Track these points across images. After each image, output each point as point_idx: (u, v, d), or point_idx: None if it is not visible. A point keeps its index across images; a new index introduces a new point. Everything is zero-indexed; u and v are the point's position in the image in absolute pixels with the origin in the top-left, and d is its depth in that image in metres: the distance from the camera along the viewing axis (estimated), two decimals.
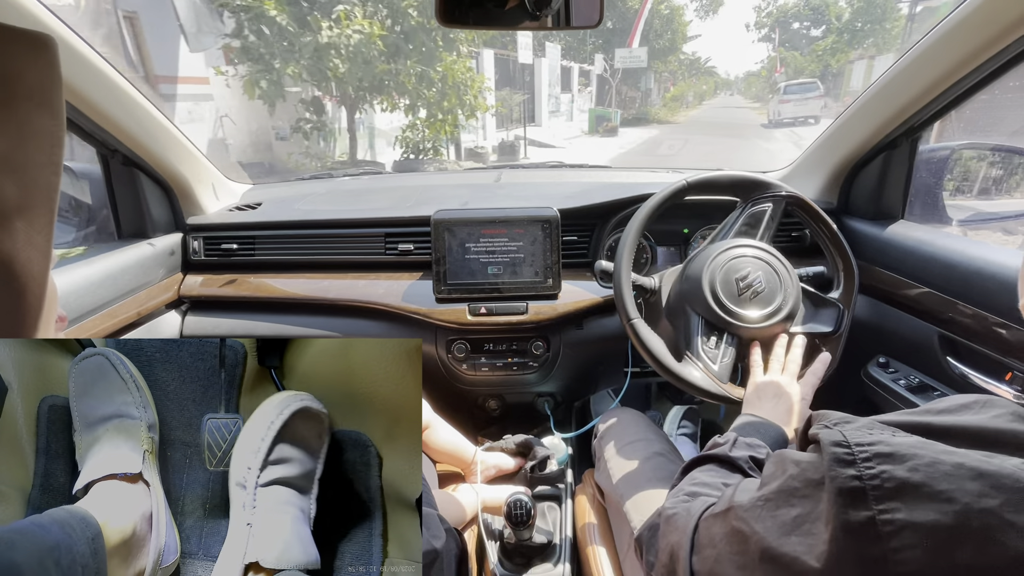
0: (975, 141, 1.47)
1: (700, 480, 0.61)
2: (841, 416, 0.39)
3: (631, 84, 25.81)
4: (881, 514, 0.32)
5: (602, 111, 18.40)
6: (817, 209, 0.92)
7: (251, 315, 1.16)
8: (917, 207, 1.10)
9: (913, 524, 0.31)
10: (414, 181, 1.49)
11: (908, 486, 0.32)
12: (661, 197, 0.89)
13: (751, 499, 0.43)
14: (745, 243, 0.88)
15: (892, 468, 0.33)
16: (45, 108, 0.28)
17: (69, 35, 0.79)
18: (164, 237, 1.14)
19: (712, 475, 0.62)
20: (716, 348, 0.84)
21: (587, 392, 1.36)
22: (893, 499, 0.32)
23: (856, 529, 0.33)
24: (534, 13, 0.70)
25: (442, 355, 1.11)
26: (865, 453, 0.34)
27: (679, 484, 0.62)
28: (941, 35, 0.81)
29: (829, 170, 1.16)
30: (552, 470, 1.03)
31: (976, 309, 0.83)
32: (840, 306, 0.89)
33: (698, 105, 33.92)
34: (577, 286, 1.10)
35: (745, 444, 0.66)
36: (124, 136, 0.98)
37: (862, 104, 1.01)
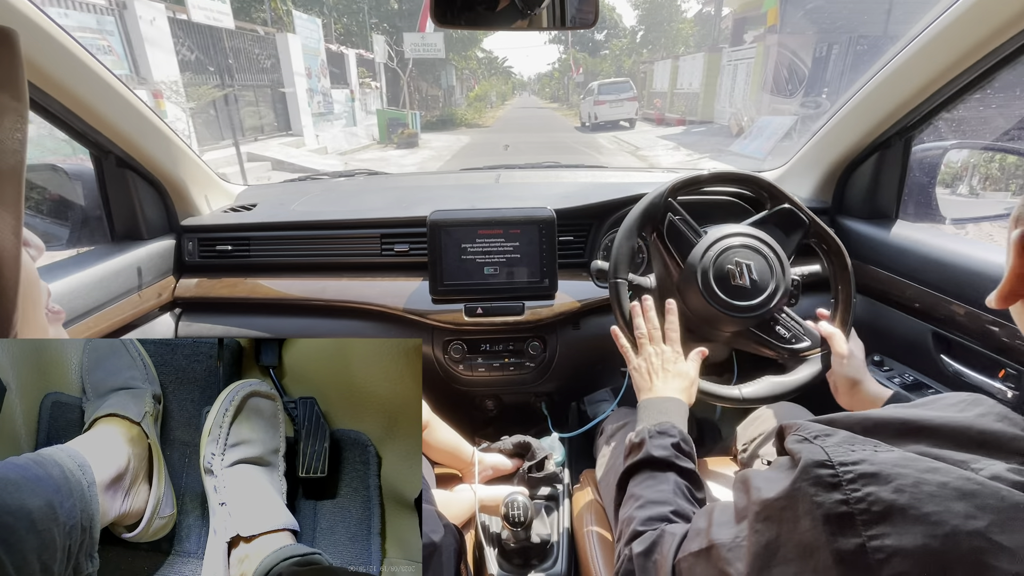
0: (966, 141, 1.48)
1: (648, 499, 0.60)
2: (819, 428, 0.38)
3: (431, 80, 22.87)
4: (871, 540, 0.31)
5: (395, 113, 14.04)
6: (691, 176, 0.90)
7: (246, 317, 1.16)
8: (911, 206, 1.11)
9: (903, 550, 0.31)
10: (409, 182, 1.49)
11: (895, 509, 0.31)
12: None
13: (731, 537, 0.41)
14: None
15: (878, 490, 0.32)
16: (7, 90, 0.29)
17: (62, 36, 0.78)
18: (158, 239, 1.14)
19: (652, 486, 0.61)
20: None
21: (584, 392, 1.36)
22: (881, 523, 0.31)
23: (847, 558, 0.32)
24: (524, 12, 0.71)
25: (439, 356, 1.11)
26: (850, 474, 0.33)
27: (628, 510, 0.61)
28: (934, 35, 0.81)
29: (823, 170, 1.16)
30: (550, 470, 1.03)
31: (970, 307, 0.83)
32: (788, 206, 0.89)
33: (501, 105, 30.96)
34: (574, 286, 1.10)
35: (658, 433, 0.66)
36: (118, 137, 0.97)
37: (855, 104, 1.02)
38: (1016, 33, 0.71)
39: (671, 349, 0.79)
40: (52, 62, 0.79)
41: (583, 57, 32.06)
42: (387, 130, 13.28)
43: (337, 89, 13.44)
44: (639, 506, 0.60)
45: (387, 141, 13.17)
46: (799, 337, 0.85)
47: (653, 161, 9.85)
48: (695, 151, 10.71)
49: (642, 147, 11.73)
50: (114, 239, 1.11)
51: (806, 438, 0.37)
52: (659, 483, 0.62)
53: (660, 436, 0.66)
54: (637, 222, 0.87)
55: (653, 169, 1.52)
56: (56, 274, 0.89)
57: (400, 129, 13.11)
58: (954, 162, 1.43)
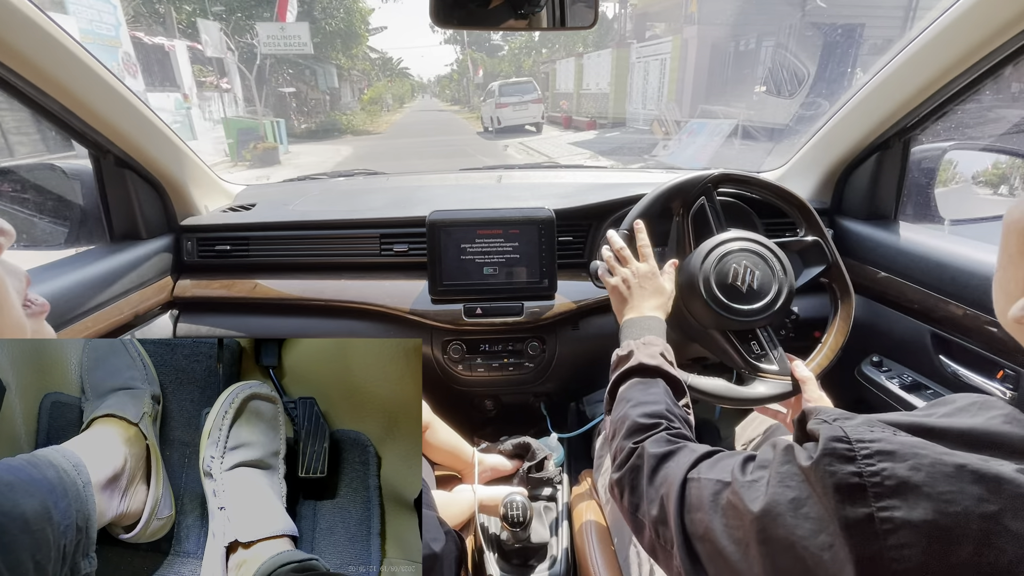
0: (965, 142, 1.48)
1: (640, 400, 0.62)
2: (840, 412, 0.39)
3: (310, 82, 19.90)
4: (880, 511, 0.32)
5: (246, 122, 11.07)
6: (744, 174, 0.90)
7: (245, 317, 1.16)
8: (909, 207, 1.11)
9: (911, 523, 0.31)
10: (409, 182, 1.49)
11: (909, 485, 0.32)
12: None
13: (749, 477, 0.42)
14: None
15: (893, 466, 0.33)
16: None
17: (63, 37, 0.78)
18: (157, 239, 1.13)
19: (644, 390, 0.64)
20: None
21: (583, 392, 1.36)
22: (893, 497, 0.32)
23: (853, 526, 0.32)
24: (519, 12, 0.71)
25: (438, 356, 1.11)
26: (866, 450, 0.34)
27: (622, 410, 0.63)
28: (934, 36, 0.81)
29: (823, 170, 1.16)
30: (550, 471, 1.03)
31: (968, 308, 0.83)
32: (818, 240, 0.88)
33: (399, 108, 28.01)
34: (573, 286, 1.10)
35: (643, 345, 0.69)
36: (116, 137, 0.97)
37: (855, 105, 1.02)
38: (1017, 33, 0.71)
39: (646, 266, 0.81)
40: (51, 61, 0.78)
41: (481, 57, 29.96)
42: (238, 144, 10.33)
43: (161, 92, 10.66)
44: (633, 405, 0.62)
45: (237, 157, 10.19)
46: (769, 358, 0.84)
47: None
48: (618, 159, 9.43)
49: (554, 157, 10.00)
50: (113, 239, 1.10)
51: (826, 420, 0.38)
52: (650, 387, 0.65)
53: (647, 347, 0.69)
54: (669, 192, 0.87)
55: (652, 170, 1.52)
56: (54, 274, 0.89)
57: (255, 142, 10.25)
58: (1001, 163, 1.45)
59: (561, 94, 19.67)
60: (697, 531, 0.44)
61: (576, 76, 17.71)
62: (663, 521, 0.49)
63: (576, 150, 10.77)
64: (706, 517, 0.44)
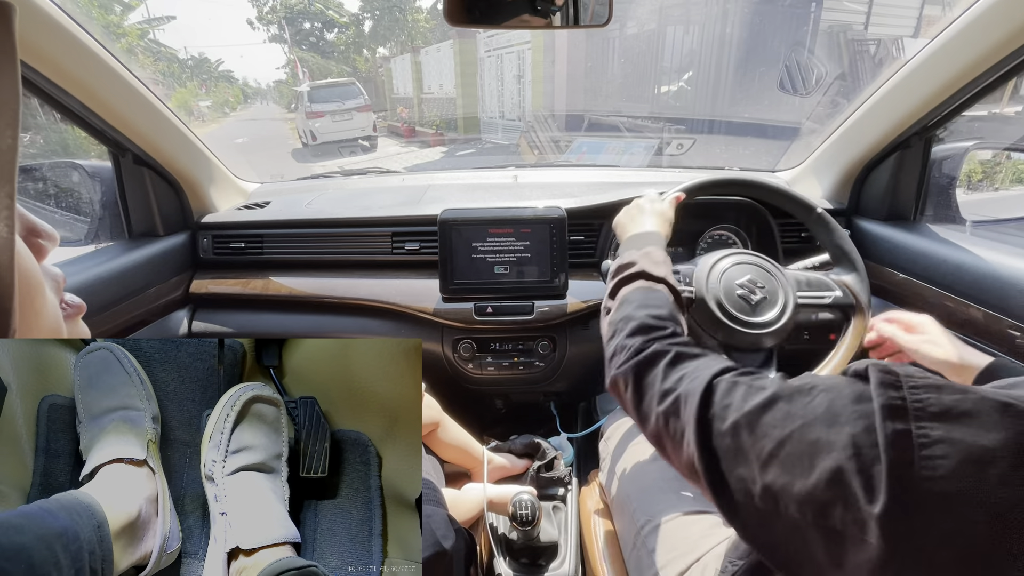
0: (988, 141, 1.45)
1: (644, 302, 0.61)
2: (890, 363, 0.39)
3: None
4: (919, 429, 0.32)
5: None
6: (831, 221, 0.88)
7: (259, 313, 1.17)
8: (929, 208, 1.09)
9: (950, 440, 0.31)
10: (420, 181, 1.49)
11: (953, 412, 0.32)
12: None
13: (795, 385, 0.42)
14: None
15: (939, 396, 0.33)
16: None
17: (83, 35, 0.80)
18: (174, 236, 1.15)
19: (647, 294, 0.64)
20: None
21: (593, 392, 1.36)
22: (934, 420, 0.32)
23: (890, 436, 0.33)
24: (536, 7, 0.70)
25: (448, 354, 1.11)
26: (913, 383, 0.34)
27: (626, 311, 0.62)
28: (956, 32, 0.79)
29: (840, 170, 1.14)
30: (560, 470, 1.03)
31: (989, 311, 0.81)
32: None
33: (218, 119, 21.23)
34: (584, 286, 1.10)
35: (645, 255, 0.70)
36: (135, 135, 0.99)
37: (874, 103, 1.00)
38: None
39: (652, 191, 0.85)
40: (72, 60, 0.80)
41: (310, 57, 24.40)
42: None
43: None
44: (638, 307, 0.61)
45: None
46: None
47: None
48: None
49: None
50: (131, 236, 1.12)
51: (875, 366, 0.39)
52: (653, 292, 0.64)
53: (649, 256, 0.69)
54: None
55: (665, 168, 1.50)
56: (73, 269, 0.91)
57: None
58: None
59: (401, 99, 15.75)
60: (720, 428, 0.43)
61: (415, 76, 14.16)
62: (675, 413, 0.48)
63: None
64: (737, 416, 0.42)
